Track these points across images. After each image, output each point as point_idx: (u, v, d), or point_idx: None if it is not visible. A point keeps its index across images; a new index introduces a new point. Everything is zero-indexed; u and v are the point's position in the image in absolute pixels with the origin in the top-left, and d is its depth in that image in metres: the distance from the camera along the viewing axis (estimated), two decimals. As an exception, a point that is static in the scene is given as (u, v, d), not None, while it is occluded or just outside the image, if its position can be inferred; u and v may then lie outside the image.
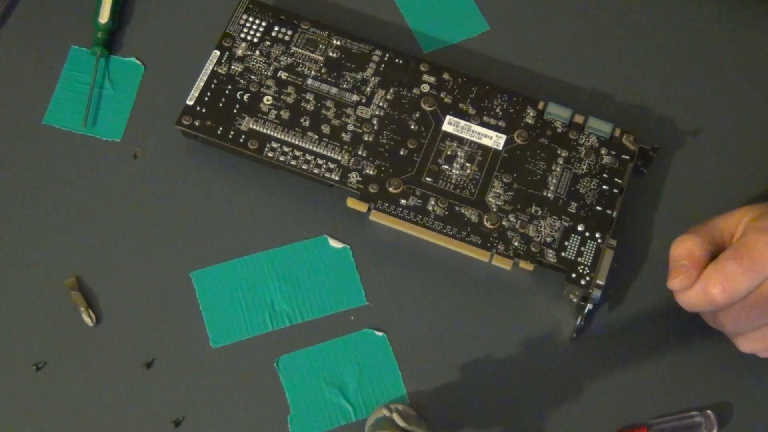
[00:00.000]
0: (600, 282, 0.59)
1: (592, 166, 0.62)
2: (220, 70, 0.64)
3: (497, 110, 0.64)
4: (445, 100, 0.64)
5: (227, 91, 0.64)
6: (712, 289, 0.53)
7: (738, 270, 0.53)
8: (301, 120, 0.63)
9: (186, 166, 0.64)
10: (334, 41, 0.66)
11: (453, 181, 0.62)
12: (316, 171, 0.62)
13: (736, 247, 0.54)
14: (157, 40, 0.68)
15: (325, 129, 0.63)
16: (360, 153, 0.62)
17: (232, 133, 0.63)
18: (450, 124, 0.63)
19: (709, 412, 0.58)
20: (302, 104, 0.64)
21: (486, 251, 0.60)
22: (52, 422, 0.58)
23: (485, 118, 0.64)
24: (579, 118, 0.63)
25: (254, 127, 0.63)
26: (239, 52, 0.65)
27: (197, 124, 0.63)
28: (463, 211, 0.61)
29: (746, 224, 0.55)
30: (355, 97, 0.64)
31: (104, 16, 0.67)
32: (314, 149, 0.62)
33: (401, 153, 0.63)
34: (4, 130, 0.65)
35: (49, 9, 0.69)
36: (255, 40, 0.66)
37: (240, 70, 0.65)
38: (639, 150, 0.63)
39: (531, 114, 0.64)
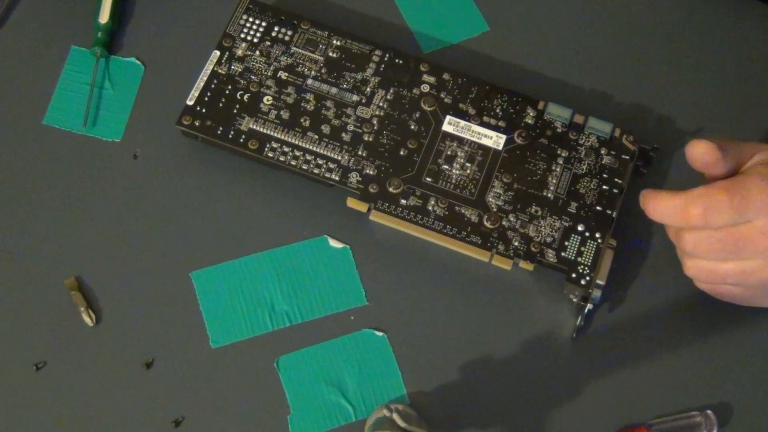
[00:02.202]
0: (600, 282, 0.59)
1: (592, 166, 0.62)
2: (220, 70, 0.64)
3: (497, 110, 0.64)
4: (445, 100, 0.64)
5: (227, 91, 0.64)
6: (692, 209, 0.53)
7: (725, 203, 0.52)
8: (301, 120, 0.63)
9: (186, 166, 0.64)
10: (334, 41, 0.66)
11: (453, 181, 0.62)
12: (316, 171, 0.62)
13: (734, 181, 0.54)
14: (157, 40, 0.68)
15: (325, 129, 0.63)
16: (360, 153, 0.62)
17: (232, 133, 0.63)
18: (450, 124, 0.63)
19: (709, 412, 0.58)
20: (302, 104, 0.64)
21: (486, 251, 0.60)
22: (52, 422, 0.58)
23: (485, 118, 0.64)
24: (579, 118, 0.63)
25: (254, 127, 0.63)
26: (239, 52, 0.65)
27: (197, 124, 0.63)
28: (463, 211, 0.61)
29: (755, 164, 0.55)
30: (355, 97, 0.64)
31: (104, 16, 0.67)
32: (314, 149, 0.62)
33: (401, 153, 0.63)
34: (4, 130, 0.65)
35: (49, 9, 0.69)
36: (255, 40, 0.66)
37: (240, 70, 0.65)
38: (639, 150, 0.63)
39: (531, 114, 0.64)
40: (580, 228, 0.61)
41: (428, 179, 0.62)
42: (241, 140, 0.63)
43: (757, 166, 0.54)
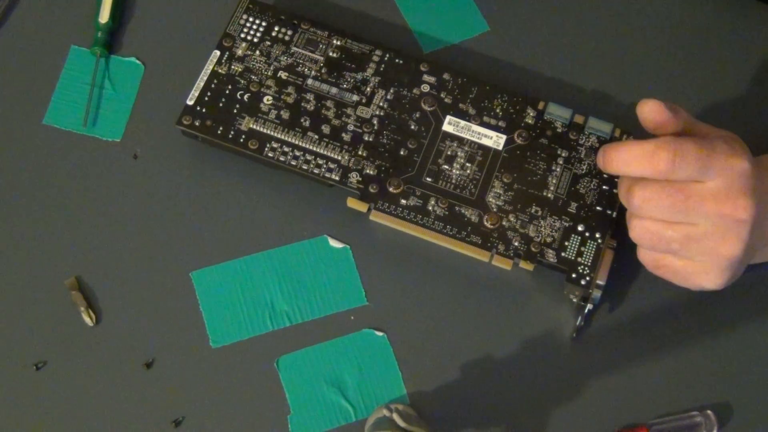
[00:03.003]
0: (600, 282, 0.59)
1: (593, 166, 0.62)
2: (220, 70, 0.64)
3: (497, 110, 0.64)
4: (445, 100, 0.64)
5: (227, 91, 0.64)
6: (662, 152, 0.53)
7: (694, 153, 0.52)
8: (301, 120, 0.63)
9: (186, 166, 0.64)
10: (334, 41, 0.66)
11: (453, 181, 0.62)
12: (316, 171, 0.62)
13: (702, 139, 0.54)
14: (157, 40, 0.68)
15: (325, 129, 0.63)
16: (360, 153, 0.62)
17: (232, 133, 0.63)
18: (450, 124, 0.63)
19: (709, 412, 0.58)
20: (302, 104, 0.64)
21: (486, 251, 0.60)
22: (52, 422, 0.58)
23: (485, 118, 0.64)
24: (579, 118, 0.63)
25: (254, 127, 0.63)
26: (239, 52, 0.65)
27: (197, 124, 0.63)
28: (463, 211, 0.61)
29: (716, 135, 0.55)
30: (355, 97, 0.64)
31: (104, 16, 0.67)
32: (314, 149, 0.62)
33: (401, 153, 0.63)
34: (4, 130, 0.65)
35: (49, 9, 0.69)
36: (255, 40, 0.66)
37: (240, 70, 0.65)
38: (639, 150, 0.63)
39: (531, 114, 0.64)
40: (580, 228, 0.61)
41: (428, 179, 0.62)
42: (241, 140, 0.63)
43: (719, 135, 0.55)
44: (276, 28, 0.66)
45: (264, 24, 0.66)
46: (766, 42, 0.69)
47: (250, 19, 0.66)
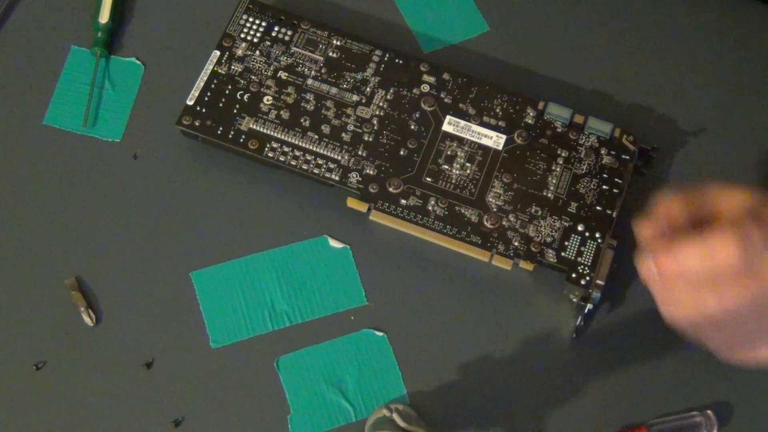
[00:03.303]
0: (600, 282, 0.59)
1: (592, 166, 0.62)
2: (220, 70, 0.64)
3: (497, 110, 0.64)
4: (445, 100, 0.64)
5: (227, 91, 0.64)
6: (729, 249, 0.46)
7: (758, 239, 0.47)
8: (301, 120, 0.63)
9: (186, 166, 0.64)
10: (334, 41, 0.66)
11: (453, 181, 0.62)
12: (316, 171, 0.62)
13: (753, 217, 0.48)
14: (157, 40, 0.68)
15: (325, 129, 0.63)
16: (360, 153, 0.62)
17: (232, 133, 0.63)
18: (450, 124, 0.63)
19: (709, 412, 0.58)
20: (302, 104, 0.64)
21: (486, 251, 0.60)
22: (52, 422, 0.58)
23: (485, 118, 0.64)
24: (579, 118, 0.63)
25: (254, 127, 0.63)
26: (239, 52, 0.65)
27: (197, 124, 0.63)
28: (463, 211, 0.61)
29: (740, 215, 0.49)
30: (355, 97, 0.64)
31: (104, 16, 0.67)
32: (314, 149, 0.62)
33: (401, 153, 0.63)
34: (4, 130, 0.65)
35: (49, 9, 0.69)
36: (255, 40, 0.66)
37: (240, 70, 0.65)
38: (639, 150, 0.63)
39: (531, 114, 0.64)
40: (580, 228, 0.61)
41: (428, 179, 0.62)
42: (241, 140, 0.63)
43: (745, 219, 0.49)
44: (276, 28, 0.66)
45: (264, 24, 0.66)
46: (766, 42, 0.69)
47: (250, 19, 0.66)
